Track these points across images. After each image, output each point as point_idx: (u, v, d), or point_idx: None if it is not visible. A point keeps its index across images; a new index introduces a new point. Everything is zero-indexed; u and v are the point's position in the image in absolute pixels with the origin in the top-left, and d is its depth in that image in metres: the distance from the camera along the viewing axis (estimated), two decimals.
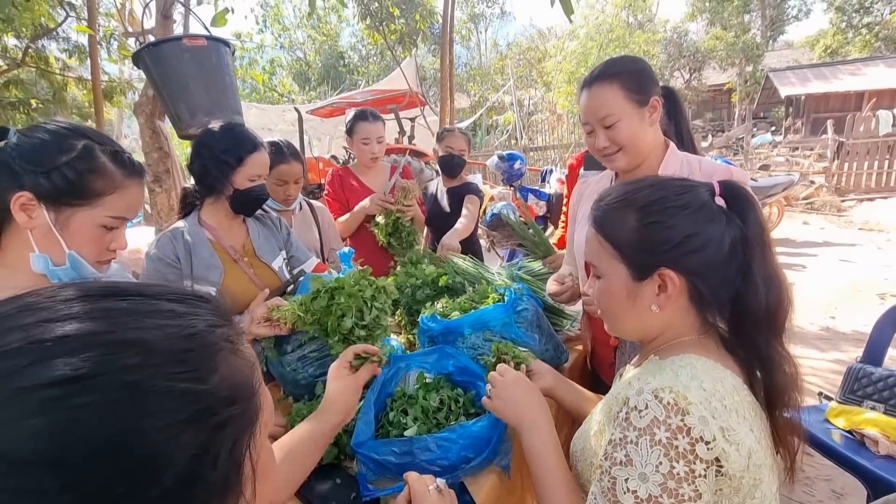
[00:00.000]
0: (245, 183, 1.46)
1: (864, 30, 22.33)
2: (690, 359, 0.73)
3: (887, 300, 4.43)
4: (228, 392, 0.37)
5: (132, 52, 2.28)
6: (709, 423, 0.62)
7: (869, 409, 1.70)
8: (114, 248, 1.01)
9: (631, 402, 0.67)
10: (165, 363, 0.34)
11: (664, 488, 0.61)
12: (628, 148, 1.23)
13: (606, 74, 1.22)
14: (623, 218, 0.78)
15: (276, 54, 22.57)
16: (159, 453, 0.32)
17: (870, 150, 9.95)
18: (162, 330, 0.36)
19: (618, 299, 0.80)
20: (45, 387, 0.30)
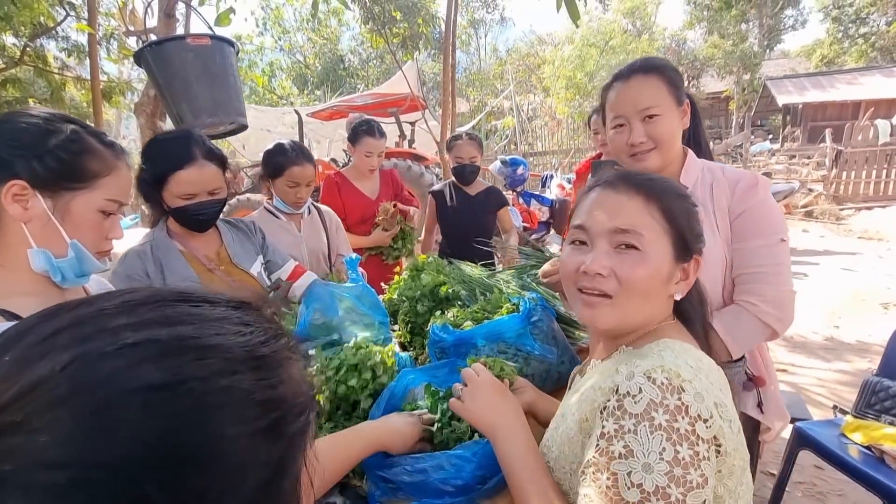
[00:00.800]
0: (175, 202, 1.33)
1: (861, 40, 22.57)
2: (667, 342, 0.71)
3: (890, 309, 4.41)
4: (296, 401, 0.37)
5: (134, 51, 2.24)
6: (704, 399, 0.60)
7: (888, 423, 1.66)
8: (111, 236, 0.96)
9: (622, 388, 0.63)
10: (246, 370, 0.34)
11: (671, 477, 0.57)
12: (664, 146, 1.17)
13: (649, 66, 1.18)
14: (677, 195, 0.77)
15: (276, 57, 22.60)
16: (246, 461, 0.32)
17: (868, 159, 10.00)
18: (239, 337, 0.36)
19: (656, 276, 0.72)
20: (145, 391, 0.30)
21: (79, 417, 0.29)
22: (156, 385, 0.30)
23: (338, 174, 2.47)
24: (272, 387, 0.35)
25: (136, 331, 0.33)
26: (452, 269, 1.92)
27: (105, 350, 0.31)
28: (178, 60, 2.04)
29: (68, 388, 0.29)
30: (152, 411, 0.30)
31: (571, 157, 13.35)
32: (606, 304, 0.74)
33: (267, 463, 0.34)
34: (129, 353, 0.31)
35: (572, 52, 17.39)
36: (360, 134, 2.33)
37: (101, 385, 0.30)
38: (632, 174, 0.80)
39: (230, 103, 2.19)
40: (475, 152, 2.56)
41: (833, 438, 1.73)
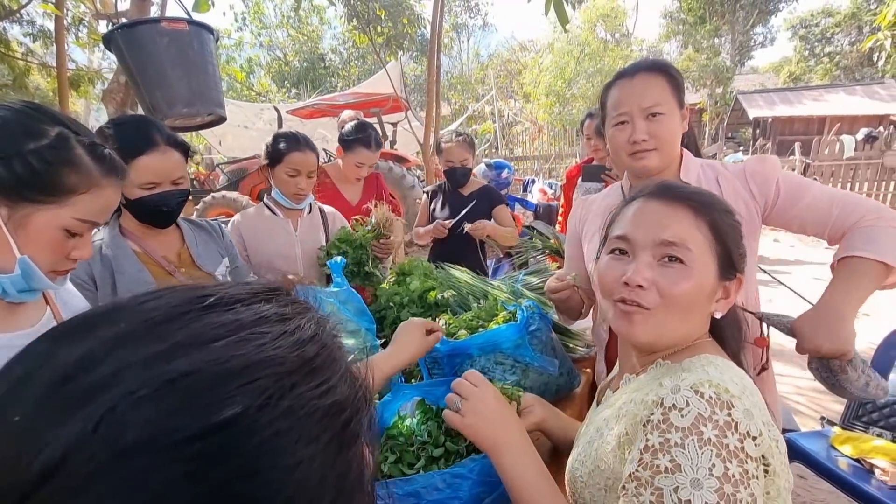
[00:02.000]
0: (134, 192, 1.20)
1: (826, 59, 23.64)
2: (709, 357, 0.69)
3: (861, 318, 4.55)
4: (357, 393, 0.33)
5: (103, 34, 2.09)
6: (753, 417, 0.59)
7: (876, 436, 1.66)
8: (76, 256, 0.84)
9: (667, 401, 0.61)
10: (302, 380, 0.30)
11: (721, 494, 0.54)
12: (665, 147, 1.15)
13: (654, 66, 1.17)
14: (726, 212, 0.76)
15: (255, 53, 22.12)
16: (311, 485, 0.28)
17: (834, 173, 10.42)
18: (284, 339, 0.31)
19: (701, 294, 0.71)
20: (190, 442, 0.25)
21: (125, 488, 0.24)
22: (200, 433, 0.25)
23: (318, 170, 2.36)
24: (332, 388, 0.31)
25: (168, 361, 0.27)
26: (441, 273, 1.85)
27: (139, 395, 0.25)
28: (152, 45, 1.90)
29: (106, 457, 0.24)
30: (213, 461, 0.25)
31: (552, 162, 13.48)
32: (645, 316, 0.72)
33: (343, 471, 0.31)
34: (167, 395, 0.26)
35: (552, 61, 17.62)
36: (354, 143, 2.20)
37: (140, 447, 0.24)
38: (677, 186, 0.78)
39: (208, 93, 2.05)
40: (466, 154, 2.47)
41: (822, 450, 1.72)
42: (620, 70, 1.23)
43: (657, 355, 0.75)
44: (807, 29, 24.61)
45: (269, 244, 1.84)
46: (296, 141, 1.80)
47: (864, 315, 4.62)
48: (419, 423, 1.07)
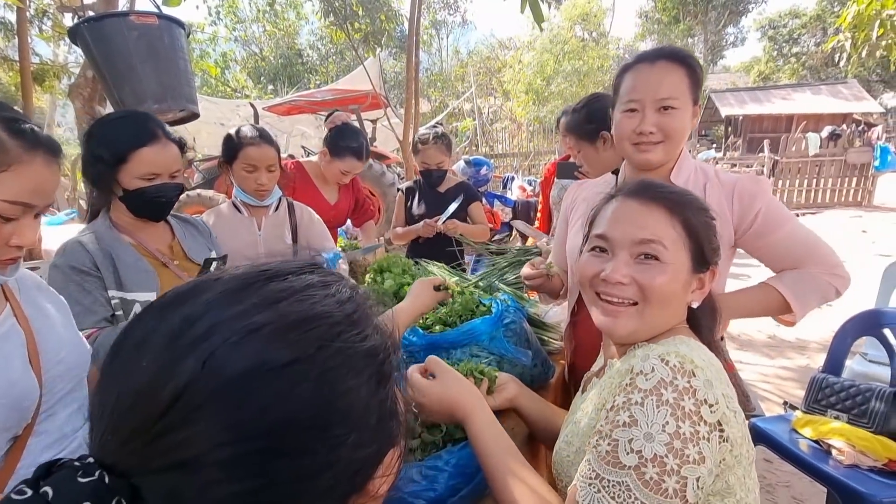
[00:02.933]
0: (135, 183, 1.23)
1: (793, 59, 24.43)
2: (682, 338, 0.76)
3: (824, 309, 4.73)
4: (388, 341, 0.42)
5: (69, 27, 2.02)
6: (713, 387, 0.63)
7: (833, 418, 1.74)
8: (16, 243, 0.79)
9: (636, 367, 0.66)
10: (346, 329, 0.38)
11: (670, 448, 0.59)
12: (672, 142, 1.13)
13: (676, 56, 1.12)
14: (696, 208, 0.80)
15: (230, 48, 21.64)
16: (369, 402, 0.38)
17: (800, 169, 10.80)
18: (329, 299, 0.39)
19: (676, 286, 0.77)
20: (279, 370, 0.34)
21: (232, 405, 0.33)
22: (286, 362, 0.35)
23: (296, 164, 2.30)
24: (368, 336, 0.40)
25: (250, 317, 0.36)
26: (419, 269, 1.86)
27: (232, 341, 0.34)
28: (121, 39, 1.85)
29: (216, 384, 0.33)
30: (291, 385, 0.34)
31: (531, 159, 13.60)
32: (630, 311, 0.77)
33: (383, 399, 0.40)
34: (252, 340, 0.35)
35: (532, 59, 17.75)
36: (345, 151, 2.16)
37: (243, 375, 0.34)
38: (654, 185, 0.82)
39: (179, 88, 2.01)
40: (442, 157, 2.45)
41: (785, 434, 1.80)
42: (641, 53, 1.17)
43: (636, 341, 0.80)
44: (775, 30, 25.42)
45: (232, 243, 1.78)
46: (250, 135, 1.76)
47: (827, 306, 4.82)
48: None
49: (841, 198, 10.78)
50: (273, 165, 1.80)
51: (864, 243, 7.46)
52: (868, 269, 5.76)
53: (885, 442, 1.58)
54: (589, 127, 1.74)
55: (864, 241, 7.63)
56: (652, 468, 0.59)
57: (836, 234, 8.18)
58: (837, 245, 5.29)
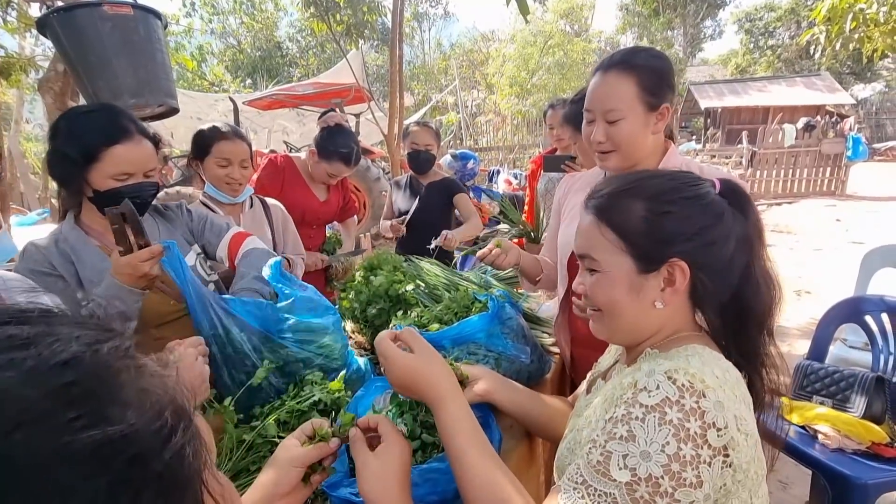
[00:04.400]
0: (106, 183, 1.15)
1: (769, 51, 24.92)
2: (696, 348, 0.70)
3: (802, 296, 4.88)
4: (157, 425, 0.26)
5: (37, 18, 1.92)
6: (724, 409, 0.59)
7: (819, 404, 1.79)
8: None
9: (640, 383, 0.63)
10: (46, 415, 0.23)
11: (667, 470, 0.57)
12: (624, 150, 1.16)
13: (626, 64, 1.13)
14: (630, 206, 0.74)
15: (206, 40, 21.07)
16: None
17: (777, 160, 11.06)
18: (13, 368, 0.24)
19: (619, 294, 0.74)
20: None
21: None
22: None
23: (286, 158, 2.24)
24: (107, 419, 0.24)
25: None
26: (410, 266, 1.83)
27: None
28: (93, 31, 1.76)
29: None
30: None
31: (516, 152, 13.61)
32: (596, 316, 0.80)
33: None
34: None
35: (514, 52, 17.74)
36: (333, 154, 2.11)
37: None
38: (598, 190, 0.80)
39: (157, 82, 1.93)
40: (430, 140, 2.48)
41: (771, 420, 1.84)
42: (601, 60, 1.20)
43: (644, 345, 0.77)
44: (751, 23, 25.87)
45: None
46: (222, 130, 1.73)
47: (806, 293, 4.96)
48: (394, 417, 1.06)
49: (816, 187, 11.08)
50: (246, 161, 1.76)
51: (839, 231, 7.68)
52: (843, 256, 5.95)
53: (868, 426, 1.62)
54: None
55: (839, 229, 7.86)
56: (644, 487, 0.57)
57: (812, 223, 8.41)
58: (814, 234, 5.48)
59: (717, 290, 0.74)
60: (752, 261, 0.75)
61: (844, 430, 1.65)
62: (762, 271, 0.76)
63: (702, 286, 0.73)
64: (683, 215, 0.72)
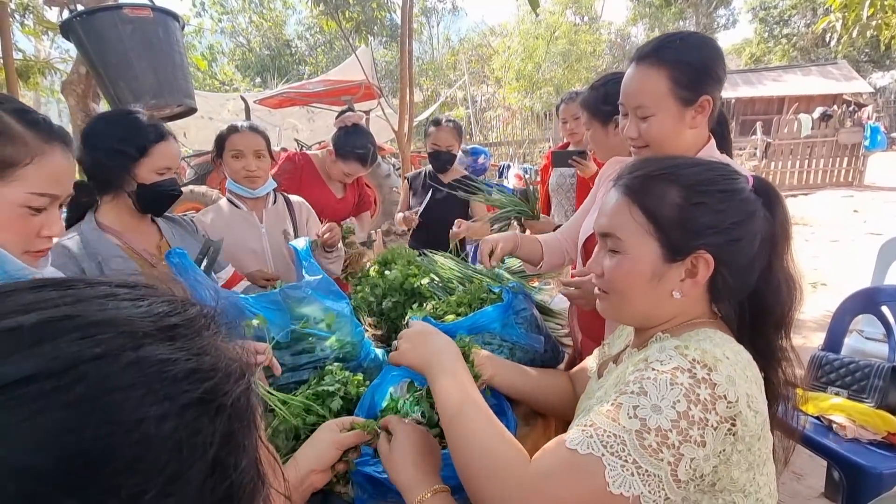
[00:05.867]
0: (151, 176, 1.31)
1: (784, 40, 24.41)
2: (707, 332, 0.71)
3: (818, 288, 4.81)
4: (227, 371, 0.32)
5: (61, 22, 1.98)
6: (735, 384, 0.60)
7: (833, 394, 1.78)
8: (46, 234, 0.81)
9: (651, 358, 0.64)
10: (156, 341, 0.29)
11: (675, 424, 0.58)
12: (656, 147, 1.10)
13: (658, 57, 1.06)
14: (665, 192, 0.72)
15: (216, 40, 21.25)
16: (182, 442, 0.27)
17: (793, 151, 10.86)
18: (133, 309, 0.30)
19: (639, 279, 0.73)
20: (20, 385, 0.25)
21: None
22: (33, 376, 0.25)
23: (304, 156, 2.28)
24: (195, 355, 0.30)
25: (14, 315, 0.27)
26: (424, 260, 1.86)
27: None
28: (115, 34, 1.82)
29: None
30: (37, 408, 0.25)
31: (525, 147, 13.56)
32: (604, 299, 0.81)
33: (210, 441, 0.29)
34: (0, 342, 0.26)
35: (518, 45, 17.58)
36: (349, 155, 2.14)
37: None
38: (632, 169, 0.78)
39: (176, 83, 1.98)
40: (453, 140, 2.49)
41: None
42: (637, 49, 1.14)
43: (655, 330, 0.78)
44: (766, 11, 25.33)
45: (235, 238, 1.77)
46: (235, 125, 1.82)
47: (822, 285, 4.90)
48: (411, 404, 1.10)
49: (832, 178, 10.87)
50: (261, 151, 1.81)
51: (856, 222, 7.55)
52: (861, 248, 5.85)
53: (884, 416, 1.62)
54: (605, 108, 1.65)
55: (856, 220, 7.72)
56: (653, 437, 0.58)
57: (829, 214, 8.27)
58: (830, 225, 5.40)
59: (736, 286, 0.74)
60: (774, 261, 0.75)
61: (860, 420, 1.65)
62: (785, 273, 0.76)
63: (722, 281, 0.73)
64: (717, 208, 0.71)
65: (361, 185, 2.54)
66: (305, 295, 1.27)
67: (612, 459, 0.58)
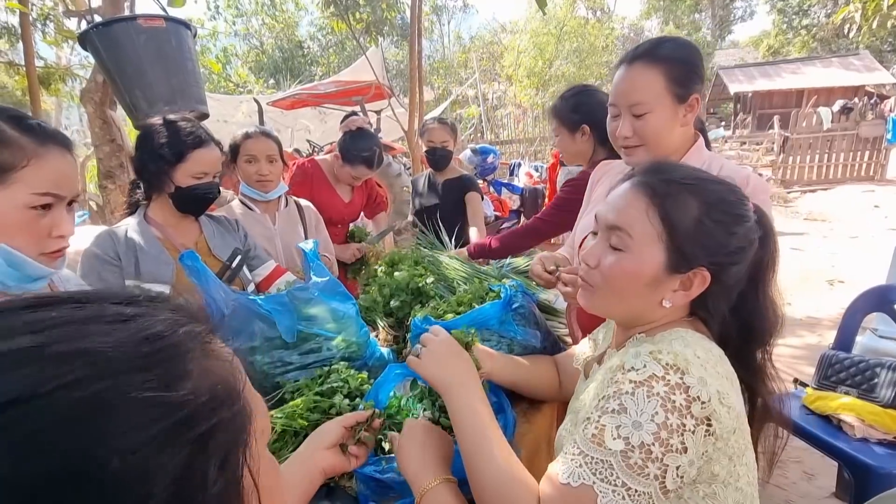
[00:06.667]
0: (188, 180, 1.39)
1: (803, 31, 23.81)
2: (679, 332, 0.73)
3: (836, 286, 4.72)
4: (208, 397, 0.32)
5: (73, 32, 2.05)
6: (707, 384, 0.63)
7: (843, 394, 1.77)
8: (58, 233, 0.84)
9: (627, 364, 0.66)
10: (122, 372, 0.29)
11: (657, 437, 0.60)
12: (651, 145, 1.12)
13: (652, 56, 1.09)
14: (688, 202, 0.72)
15: (230, 42, 21.55)
16: (133, 478, 0.27)
17: (812, 145, 10.62)
18: (110, 336, 0.30)
19: (637, 282, 0.73)
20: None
21: None
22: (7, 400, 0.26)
23: (312, 162, 2.34)
24: (167, 386, 0.30)
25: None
26: (431, 260, 1.89)
27: None
28: (130, 44, 1.89)
29: None
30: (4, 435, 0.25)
31: (537, 145, 13.48)
32: (588, 292, 0.80)
33: (171, 475, 0.29)
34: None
35: (528, 42, 17.46)
36: (355, 159, 2.19)
37: None
38: (655, 169, 0.78)
39: (189, 90, 2.05)
40: (447, 136, 2.53)
41: (796, 410, 1.82)
42: (625, 54, 1.16)
43: (633, 331, 0.80)
44: (784, 1, 24.73)
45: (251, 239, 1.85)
46: (248, 131, 1.89)
47: (839, 282, 4.80)
48: (414, 402, 1.13)
49: (853, 172, 10.61)
50: (273, 156, 1.87)
51: (877, 218, 7.36)
52: (881, 244, 5.71)
53: (894, 415, 1.60)
54: (573, 117, 1.77)
55: (877, 215, 7.53)
56: (638, 454, 0.60)
57: (848, 210, 8.08)
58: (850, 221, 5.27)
59: (721, 305, 0.76)
60: (762, 287, 0.78)
61: (869, 419, 1.63)
62: (769, 299, 0.79)
63: (711, 298, 0.75)
64: (731, 231, 0.73)
65: (372, 187, 2.59)
66: (312, 296, 1.31)
67: (603, 486, 0.61)
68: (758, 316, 0.77)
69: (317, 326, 1.30)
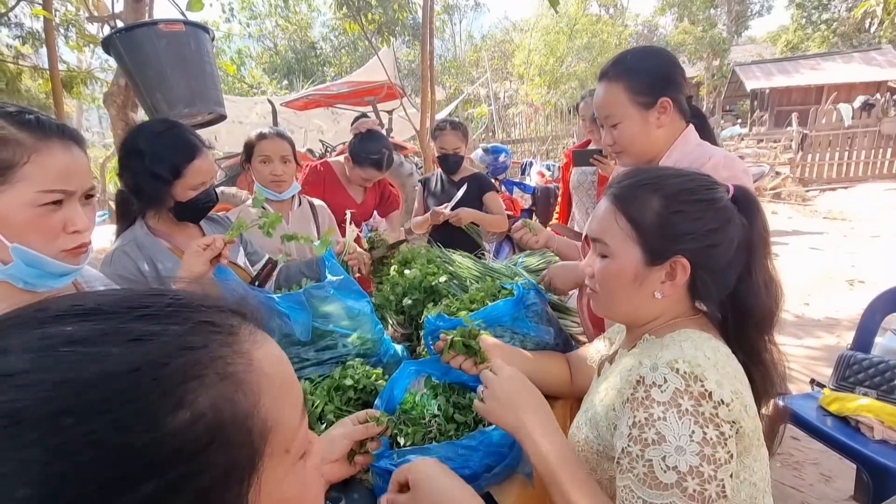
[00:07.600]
0: (187, 194, 1.34)
1: (823, 26, 23.28)
2: (687, 332, 0.76)
3: (855, 286, 4.63)
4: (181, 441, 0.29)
5: (95, 37, 2.12)
6: (724, 386, 0.65)
7: (861, 395, 1.74)
8: (72, 229, 0.81)
9: (648, 379, 0.68)
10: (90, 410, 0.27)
11: (702, 456, 0.62)
12: (630, 150, 1.24)
13: (613, 73, 1.22)
14: (648, 200, 0.79)
15: (244, 44, 21.82)
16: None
17: (831, 142, 10.39)
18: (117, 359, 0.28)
19: (623, 281, 0.80)
20: None
21: None
22: None
23: (325, 164, 2.37)
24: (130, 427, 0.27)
25: None
26: (443, 258, 1.91)
27: None
28: (151, 48, 1.94)
29: None
30: None
31: (549, 143, 13.42)
32: (593, 298, 0.88)
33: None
34: None
35: (539, 40, 17.37)
36: (365, 161, 2.21)
37: None
38: (620, 179, 0.85)
39: (207, 92, 2.10)
40: (458, 143, 2.52)
41: (812, 411, 1.80)
42: (599, 71, 1.29)
43: (642, 330, 0.84)
44: None
45: (262, 239, 1.87)
46: (262, 132, 1.90)
47: (860, 283, 4.70)
48: (428, 398, 1.15)
49: (875, 170, 10.35)
50: (286, 157, 1.89)
51: None
52: None
53: None
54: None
55: None
56: (692, 480, 0.61)
57: (870, 209, 7.90)
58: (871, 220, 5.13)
59: (713, 288, 0.79)
60: (753, 266, 0.80)
61: (889, 420, 1.61)
62: (765, 277, 0.80)
63: (701, 283, 0.79)
64: (695, 216, 0.77)
65: (384, 186, 2.61)
66: (328, 294, 1.34)
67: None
68: (751, 295, 0.79)
69: (332, 324, 1.33)
